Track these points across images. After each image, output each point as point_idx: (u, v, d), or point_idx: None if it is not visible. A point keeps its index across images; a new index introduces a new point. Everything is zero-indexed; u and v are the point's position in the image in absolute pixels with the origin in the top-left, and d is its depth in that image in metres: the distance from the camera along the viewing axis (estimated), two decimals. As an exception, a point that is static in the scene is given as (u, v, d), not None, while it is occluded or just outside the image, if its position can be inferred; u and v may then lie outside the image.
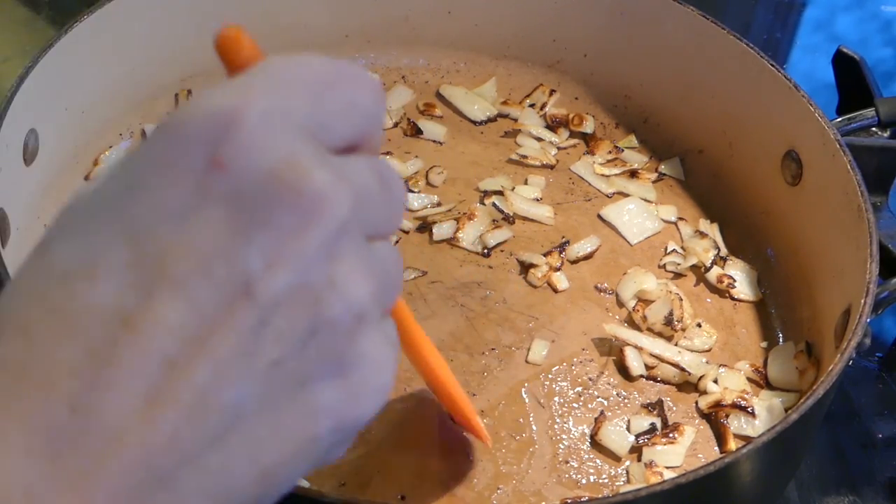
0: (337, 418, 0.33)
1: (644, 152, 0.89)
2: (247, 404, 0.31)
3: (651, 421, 0.69)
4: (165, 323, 0.29)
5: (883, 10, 1.25)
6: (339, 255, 0.31)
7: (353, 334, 0.32)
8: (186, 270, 0.29)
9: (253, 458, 0.31)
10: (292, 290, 0.30)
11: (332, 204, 0.31)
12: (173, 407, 0.29)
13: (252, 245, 0.30)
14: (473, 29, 0.91)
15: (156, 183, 0.30)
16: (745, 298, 0.79)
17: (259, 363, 0.30)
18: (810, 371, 0.71)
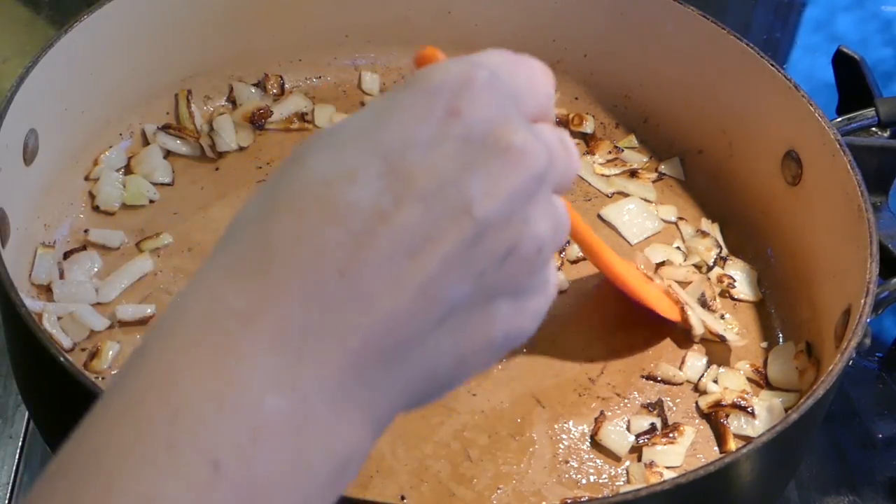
0: (508, 328, 0.40)
1: (644, 152, 0.89)
2: (460, 300, 0.38)
3: (651, 421, 0.69)
4: (411, 222, 0.36)
5: (883, 10, 1.25)
6: (534, 199, 0.39)
7: (533, 264, 0.40)
8: (427, 187, 0.37)
9: (455, 346, 0.39)
10: (500, 216, 0.38)
11: (534, 157, 0.39)
12: (413, 289, 0.36)
13: (475, 177, 0.37)
14: (473, 29, 0.91)
15: (406, 119, 0.38)
16: (745, 298, 0.79)
17: (472, 269, 0.38)
18: (810, 371, 0.71)
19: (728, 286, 0.78)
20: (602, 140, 0.89)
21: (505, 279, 0.39)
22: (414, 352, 0.37)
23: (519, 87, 0.41)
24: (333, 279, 0.36)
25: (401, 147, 0.37)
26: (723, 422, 0.69)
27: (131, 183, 0.79)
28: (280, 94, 0.88)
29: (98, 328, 0.69)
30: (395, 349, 0.37)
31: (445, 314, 0.38)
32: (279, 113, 0.86)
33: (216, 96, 0.87)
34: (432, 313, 0.37)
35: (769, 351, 0.75)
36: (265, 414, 0.34)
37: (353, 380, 0.36)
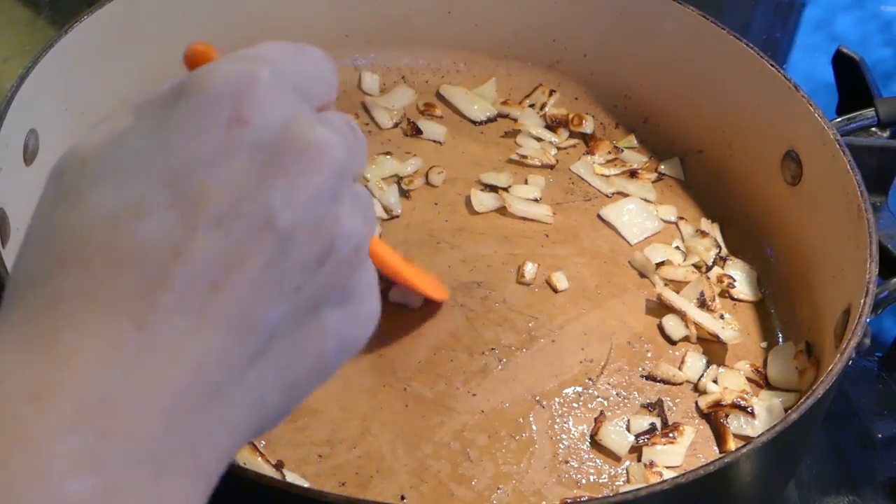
0: (340, 339, 0.38)
1: (644, 152, 0.89)
2: (280, 322, 0.35)
3: (651, 421, 0.69)
4: (207, 251, 0.34)
5: (883, 10, 1.25)
6: (340, 196, 0.37)
7: (352, 264, 0.38)
8: (222, 207, 0.34)
9: (282, 373, 0.36)
10: (306, 222, 0.35)
11: (333, 151, 0.36)
12: (221, 323, 0.34)
13: (273, 186, 0.35)
14: (473, 29, 0.91)
15: (188, 136, 0.35)
16: (745, 298, 0.79)
17: (286, 286, 0.35)
18: (810, 371, 0.71)
19: (728, 286, 0.78)
20: (602, 140, 0.89)
21: (326, 288, 0.37)
22: (234, 391, 0.35)
23: (303, 78, 0.38)
24: (131, 335, 0.32)
25: (187, 168, 0.34)
26: (722, 422, 0.69)
27: (131, 183, 0.79)
28: (280, 94, 0.87)
29: (98, 328, 0.69)
30: (212, 395, 0.34)
31: (264, 342, 0.35)
32: (279, 113, 0.86)
33: (216, 96, 0.86)
34: (249, 345, 0.35)
35: (769, 351, 0.75)
36: (70, 502, 0.30)
37: (167, 440, 0.33)
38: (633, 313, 0.76)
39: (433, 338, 0.72)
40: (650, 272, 0.78)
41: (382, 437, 0.66)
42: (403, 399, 0.68)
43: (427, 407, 0.68)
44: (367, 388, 0.68)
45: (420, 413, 0.68)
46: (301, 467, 0.63)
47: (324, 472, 0.64)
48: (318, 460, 0.64)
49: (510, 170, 0.86)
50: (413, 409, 0.68)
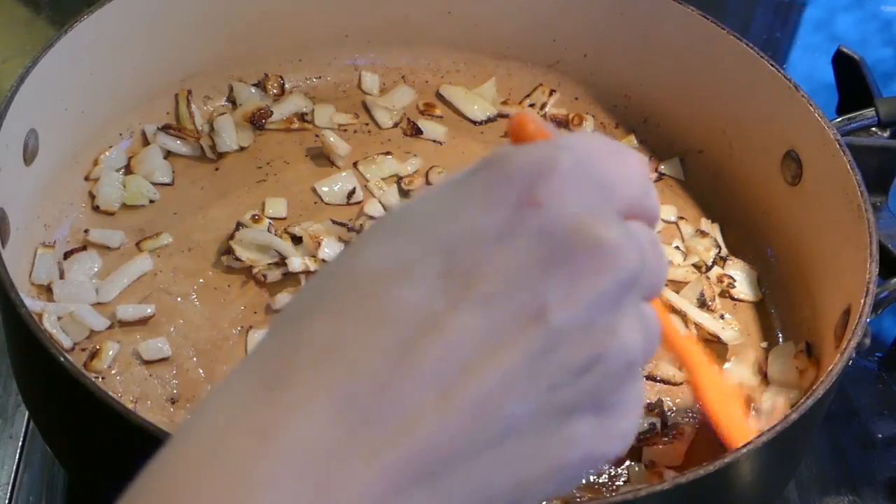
0: (588, 451, 0.36)
1: (644, 152, 0.89)
2: (522, 419, 0.33)
3: (651, 421, 0.69)
4: (466, 330, 0.32)
5: (883, 10, 1.25)
6: (622, 307, 0.35)
7: (621, 379, 0.35)
8: (492, 289, 0.33)
9: (515, 471, 0.34)
10: (580, 325, 0.34)
11: (625, 258, 0.34)
12: (462, 406, 0.32)
13: (552, 278, 0.33)
14: (473, 29, 0.91)
15: (475, 207, 0.34)
16: (746, 298, 0.79)
17: (540, 384, 0.33)
18: (810, 371, 0.71)
19: (728, 286, 0.78)
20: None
21: (584, 396, 0.35)
22: (461, 474, 0.33)
23: (611, 175, 0.36)
24: (372, 393, 0.32)
25: (466, 241, 0.33)
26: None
27: (131, 183, 0.79)
28: (280, 94, 0.88)
29: (98, 328, 0.69)
30: (439, 472, 0.32)
31: (502, 434, 0.33)
32: (279, 113, 0.86)
33: (216, 96, 0.87)
34: (486, 433, 0.33)
35: (769, 351, 0.75)
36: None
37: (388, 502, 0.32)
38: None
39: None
40: None
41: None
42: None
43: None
44: (367, 388, 0.68)
45: (420, 413, 0.67)
46: (301, 467, 0.63)
47: (324, 472, 0.63)
48: (318, 460, 0.64)
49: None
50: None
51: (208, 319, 0.71)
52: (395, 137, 0.87)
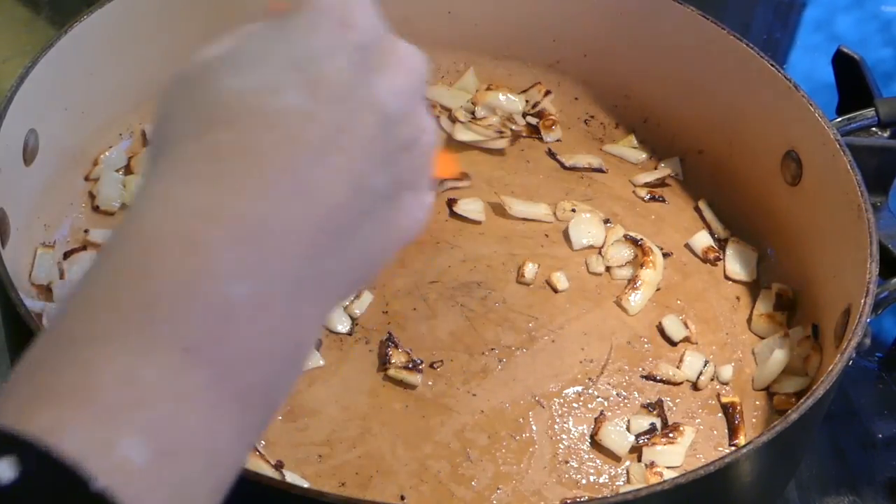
0: (410, 218, 0.45)
1: (644, 152, 0.89)
2: (380, 189, 0.42)
3: (651, 421, 0.69)
4: (334, 119, 0.40)
5: (883, 10, 1.25)
6: (422, 98, 0.45)
7: (428, 157, 0.45)
8: (341, 88, 0.41)
9: (379, 233, 0.43)
10: (402, 111, 0.43)
11: (419, 59, 0.45)
12: (346, 179, 0.40)
13: (379, 77, 0.42)
14: (473, 29, 0.91)
15: (306, 35, 0.42)
16: (737, 278, 0.79)
17: (388, 160, 0.42)
18: (814, 357, 0.71)
19: (715, 259, 0.80)
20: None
21: (409, 171, 0.44)
22: (351, 240, 0.41)
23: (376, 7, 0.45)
24: (282, 177, 0.39)
25: (308, 58, 0.41)
26: (738, 416, 0.70)
27: (131, 183, 0.79)
28: (280, 94, 0.87)
29: (98, 328, 0.69)
30: (339, 238, 0.40)
31: (370, 205, 0.42)
32: (279, 113, 0.86)
33: (216, 96, 0.86)
34: (363, 203, 0.41)
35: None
36: (233, 301, 0.36)
37: (306, 267, 0.39)
38: (633, 313, 0.76)
39: (433, 338, 0.72)
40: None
41: (382, 437, 0.66)
42: (403, 399, 0.68)
43: (427, 407, 0.68)
44: (367, 388, 0.68)
45: (420, 413, 0.68)
46: (301, 467, 0.63)
47: (324, 472, 0.64)
48: (318, 460, 0.64)
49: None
50: (413, 409, 0.68)
51: (208, 319, 0.71)
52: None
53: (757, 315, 0.77)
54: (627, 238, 0.79)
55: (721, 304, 0.78)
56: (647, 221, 0.83)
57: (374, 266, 0.44)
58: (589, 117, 0.91)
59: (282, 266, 0.38)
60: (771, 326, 0.76)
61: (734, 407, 0.71)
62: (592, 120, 0.91)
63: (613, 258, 0.79)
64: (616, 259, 0.79)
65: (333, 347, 0.70)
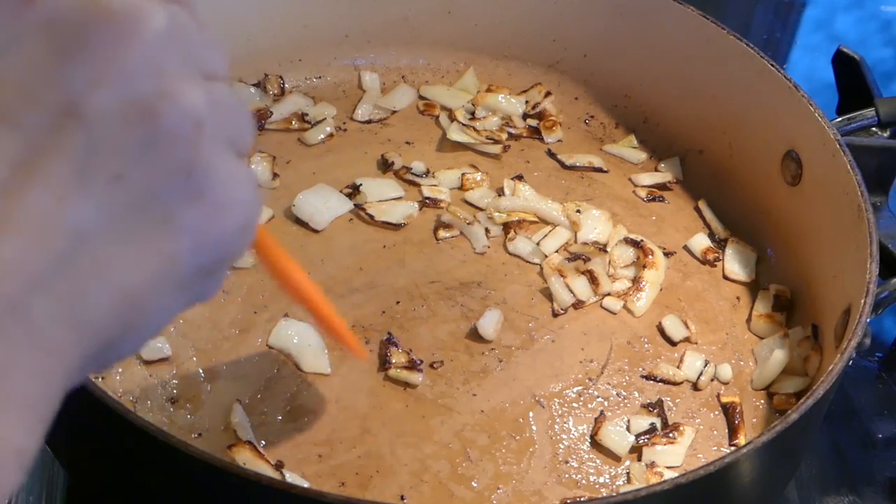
0: (195, 235, 0.33)
1: (644, 152, 0.89)
2: (91, 224, 0.31)
3: (651, 421, 0.69)
4: (6, 146, 0.29)
5: (883, 10, 1.25)
6: (167, 69, 0.32)
7: (196, 144, 0.33)
8: (11, 99, 0.30)
9: (108, 281, 0.32)
10: (120, 103, 0.31)
11: (148, 17, 0.31)
12: (12, 232, 0.29)
13: (73, 67, 0.30)
14: (473, 29, 0.91)
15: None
16: (736, 279, 0.79)
17: (97, 181, 0.31)
18: (814, 357, 0.71)
19: (714, 260, 0.80)
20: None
21: (163, 173, 0.32)
22: (41, 306, 0.30)
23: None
24: None
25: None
26: (738, 416, 0.70)
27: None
28: (280, 94, 0.88)
29: (98, 328, 0.69)
30: (11, 311, 0.30)
31: (73, 247, 0.31)
32: (279, 113, 0.86)
33: (216, 96, 0.86)
34: (51, 253, 0.30)
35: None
36: None
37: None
38: (633, 313, 0.76)
39: (433, 338, 0.72)
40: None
41: (382, 437, 0.66)
42: (403, 399, 0.68)
43: (427, 407, 0.68)
44: (367, 388, 0.68)
45: (420, 413, 0.68)
46: (301, 467, 0.63)
47: (324, 472, 0.64)
48: (318, 460, 0.64)
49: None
50: (413, 409, 0.68)
51: (208, 319, 0.71)
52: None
53: (756, 315, 0.77)
54: (628, 240, 0.79)
55: (721, 304, 0.78)
56: (648, 221, 0.83)
57: (129, 320, 0.33)
58: (589, 117, 0.91)
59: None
60: (770, 327, 0.76)
61: (734, 407, 0.71)
62: (592, 120, 0.91)
63: (619, 259, 0.79)
64: (622, 260, 0.79)
65: (334, 347, 0.70)
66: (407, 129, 0.88)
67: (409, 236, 0.79)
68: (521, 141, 0.89)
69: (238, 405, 0.66)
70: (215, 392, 0.67)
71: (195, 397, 0.66)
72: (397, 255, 0.77)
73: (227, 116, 0.35)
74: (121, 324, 0.33)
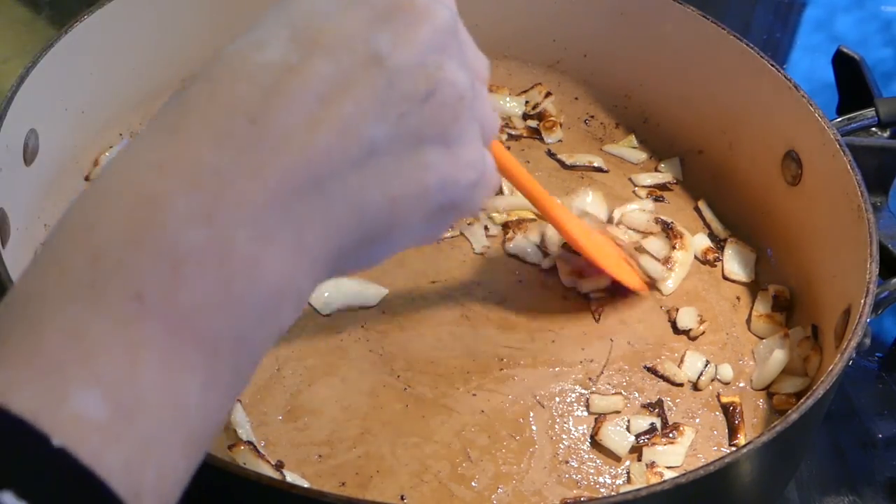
0: (442, 175, 0.43)
1: (644, 152, 0.89)
2: (380, 141, 0.41)
3: (651, 421, 0.69)
4: (320, 72, 0.40)
5: (883, 10, 1.25)
6: (446, 51, 0.43)
7: (455, 111, 0.43)
8: (335, 43, 0.40)
9: (382, 186, 0.41)
10: (411, 63, 0.41)
11: (439, 12, 0.43)
12: (327, 128, 0.39)
13: (383, 32, 0.41)
14: (473, 29, 0.90)
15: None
16: (736, 279, 0.79)
17: (389, 112, 0.41)
18: (814, 357, 0.71)
19: (714, 260, 0.80)
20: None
21: (428, 123, 0.42)
22: (336, 187, 0.39)
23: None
24: (244, 125, 0.38)
25: (307, 15, 0.41)
26: (738, 416, 0.70)
27: (131, 183, 0.79)
28: (280, 94, 0.87)
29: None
30: (315, 185, 0.39)
31: (366, 153, 0.40)
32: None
33: (216, 96, 0.86)
34: (351, 151, 0.40)
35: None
36: (184, 248, 0.35)
37: (273, 213, 0.38)
38: (633, 313, 0.76)
39: (433, 338, 0.72)
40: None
41: (382, 437, 0.66)
42: (403, 399, 0.68)
43: (427, 407, 0.68)
44: (367, 388, 0.68)
45: (420, 413, 0.68)
46: (301, 467, 0.64)
47: (324, 472, 0.64)
48: (318, 460, 0.64)
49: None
50: (413, 409, 0.68)
51: (208, 319, 0.71)
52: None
53: (756, 315, 0.77)
54: (658, 221, 0.80)
55: (721, 305, 0.78)
56: (647, 221, 0.83)
57: (386, 222, 0.42)
58: (589, 117, 0.91)
59: (241, 211, 0.37)
60: (770, 327, 0.76)
61: (734, 407, 0.71)
62: (592, 120, 0.91)
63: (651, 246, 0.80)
64: (640, 224, 0.81)
65: (334, 347, 0.70)
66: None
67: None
68: (521, 141, 0.89)
69: (238, 405, 0.66)
70: (215, 392, 0.67)
71: (195, 397, 0.66)
72: (397, 255, 0.77)
73: (481, 105, 0.46)
74: (382, 225, 0.42)
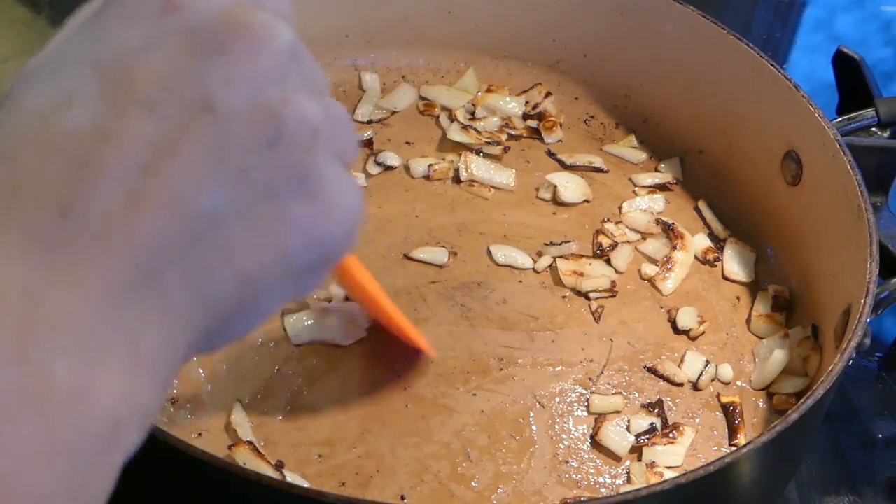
0: (306, 232, 0.37)
1: (644, 152, 0.89)
2: (221, 208, 0.34)
3: (651, 421, 0.69)
4: (138, 135, 0.33)
5: (883, 10, 1.25)
6: (290, 79, 0.36)
7: (311, 150, 0.36)
8: (153, 92, 0.33)
9: (230, 262, 0.35)
10: (250, 104, 0.34)
11: (278, 33, 0.36)
12: (153, 207, 0.33)
13: (211, 67, 0.34)
14: (473, 29, 0.91)
15: (117, 27, 0.35)
16: (736, 279, 0.79)
17: (228, 170, 0.34)
18: (814, 357, 0.71)
19: (714, 260, 0.80)
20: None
21: (280, 173, 0.36)
22: (172, 276, 0.34)
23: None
24: (54, 221, 0.31)
25: (116, 56, 0.34)
26: (738, 416, 0.70)
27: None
28: (280, 94, 0.87)
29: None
30: (146, 279, 0.33)
31: (205, 226, 0.34)
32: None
33: (216, 96, 0.86)
34: (185, 229, 0.34)
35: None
36: (2, 392, 0.30)
37: (98, 327, 0.32)
38: (633, 313, 0.76)
39: (433, 338, 0.72)
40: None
41: (382, 437, 0.66)
42: (403, 399, 0.68)
43: (427, 407, 0.68)
44: (367, 388, 0.68)
45: (420, 413, 0.68)
46: (301, 467, 0.63)
47: (324, 472, 0.64)
48: (318, 460, 0.64)
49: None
50: (413, 409, 0.68)
51: (208, 319, 0.71)
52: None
53: (756, 315, 0.77)
54: (659, 222, 0.80)
55: (721, 305, 0.78)
56: (647, 221, 0.84)
57: (242, 301, 0.36)
58: (589, 117, 0.91)
59: (55, 338, 0.31)
60: (770, 327, 0.76)
61: (734, 407, 0.71)
62: (592, 120, 0.91)
63: (650, 246, 0.80)
64: (653, 247, 0.80)
65: (334, 347, 0.70)
66: (407, 130, 0.88)
67: (409, 236, 0.79)
68: (522, 141, 0.89)
69: (238, 405, 0.66)
70: (215, 392, 0.67)
71: (195, 397, 0.66)
72: (397, 255, 0.77)
73: (339, 129, 0.39)
74: (238, 304, 0.36)
